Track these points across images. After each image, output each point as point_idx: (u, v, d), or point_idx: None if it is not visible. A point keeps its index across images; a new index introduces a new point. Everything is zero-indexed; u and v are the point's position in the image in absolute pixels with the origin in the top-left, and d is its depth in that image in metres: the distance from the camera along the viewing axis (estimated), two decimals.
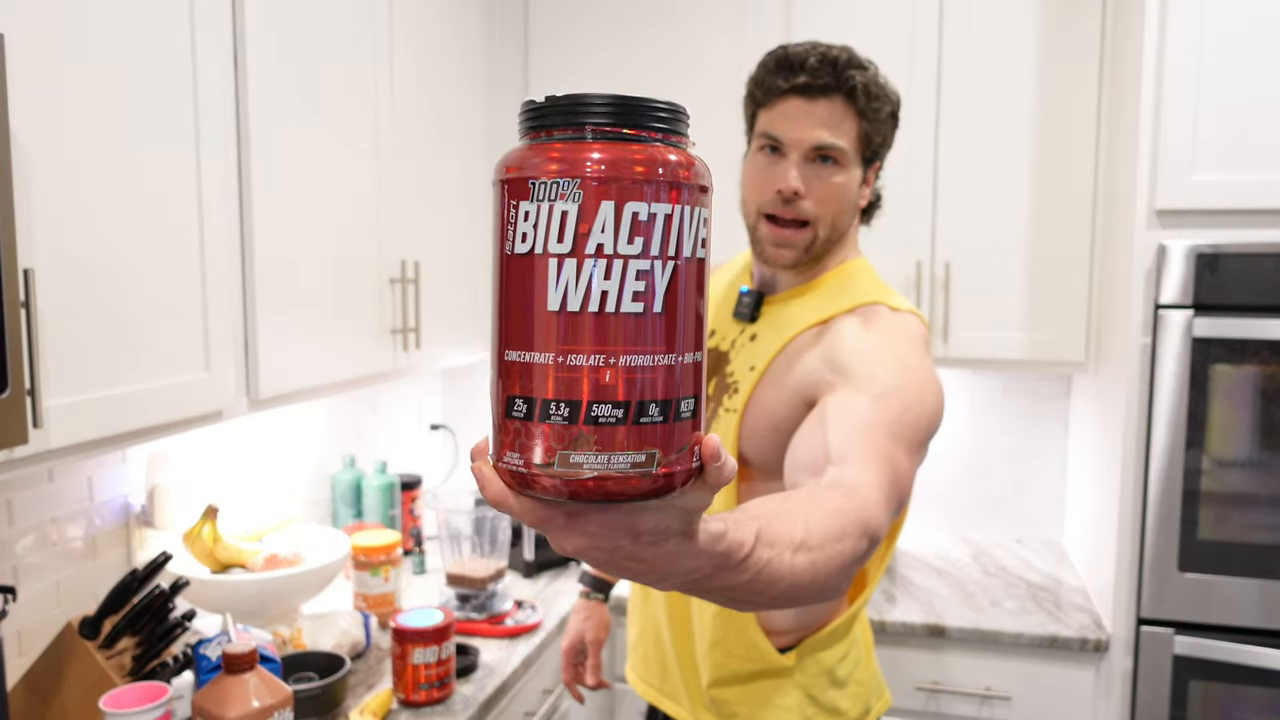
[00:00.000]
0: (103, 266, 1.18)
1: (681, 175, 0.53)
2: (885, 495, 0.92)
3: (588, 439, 0.51)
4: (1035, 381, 2.46)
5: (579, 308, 0.51)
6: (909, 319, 1.17)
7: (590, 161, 0.52)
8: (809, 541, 0.76)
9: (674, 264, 0.53)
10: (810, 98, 1.15)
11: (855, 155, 1.18)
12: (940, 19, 2.12)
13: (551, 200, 0.52)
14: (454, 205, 2.14)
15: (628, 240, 0.52)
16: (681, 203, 0.53)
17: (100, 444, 1.20)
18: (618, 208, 0.51)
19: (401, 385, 2.57)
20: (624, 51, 2.30)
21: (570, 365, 0.51)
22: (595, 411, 0.51)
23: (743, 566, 0.67)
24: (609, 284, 0.51)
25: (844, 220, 1.21)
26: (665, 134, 0.54)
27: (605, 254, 0.51)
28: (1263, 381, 1.69)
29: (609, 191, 0.51)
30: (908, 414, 1.04)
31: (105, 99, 1.18)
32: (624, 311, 0.51)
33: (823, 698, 1.25)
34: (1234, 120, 1.70)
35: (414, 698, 1.52)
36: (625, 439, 0.52)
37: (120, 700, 1.19)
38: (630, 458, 0.52)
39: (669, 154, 0.53)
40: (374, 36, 1.78)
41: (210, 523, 1.68)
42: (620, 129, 0.53)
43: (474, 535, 1.89)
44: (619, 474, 0.52)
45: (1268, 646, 1.72)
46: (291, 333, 1.57)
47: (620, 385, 0.51)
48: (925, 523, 2.56)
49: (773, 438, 1.16)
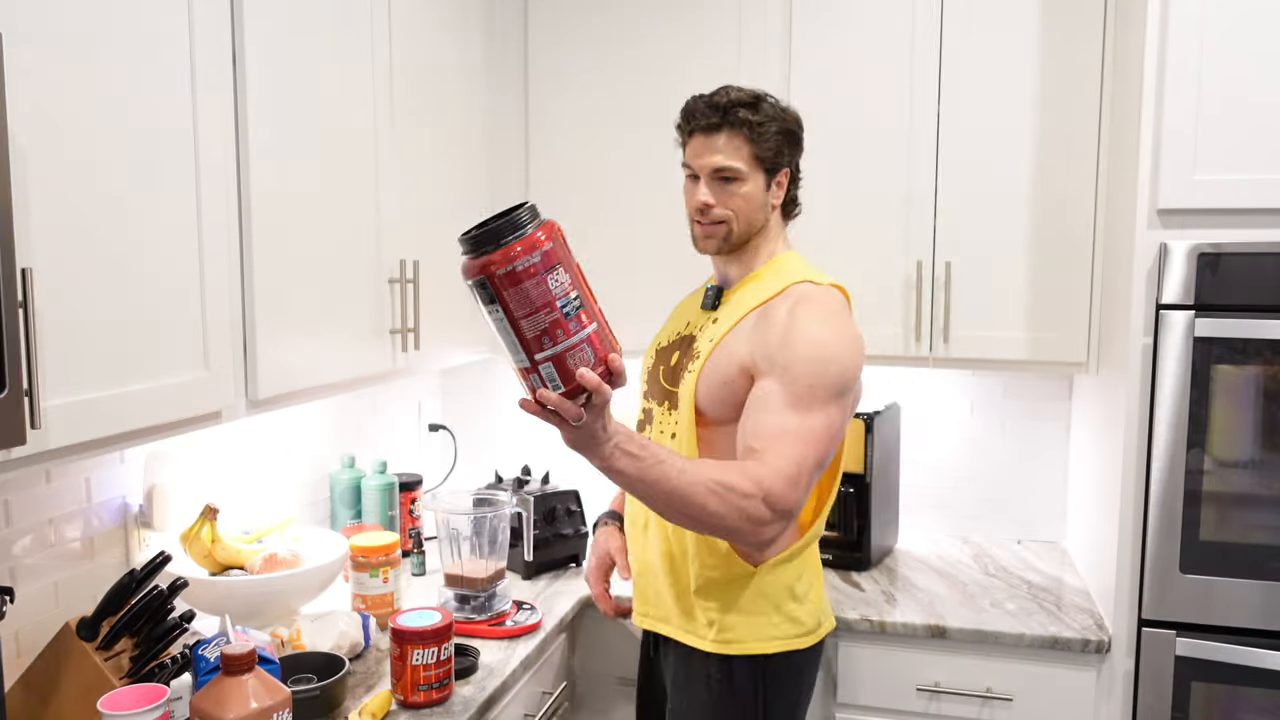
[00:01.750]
0: (101, 266, 1.18)
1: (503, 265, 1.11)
2: (789, 460, 1.38)
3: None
4: (1036, 382, 2.45)
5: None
6: (830, 291, 1.54)
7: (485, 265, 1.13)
8: (688, 471, 1.30)
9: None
10: (708, 134, 1.54)
11: (753, 169, 1.54)
12: (940, 18, 2.12)
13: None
14: (453, 205, 2.14)
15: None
16: (555, 256, 1.13)
17: (98, 445, 1.20)
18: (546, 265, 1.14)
19: (401, 385, 2.57)
20: (624, 51, 2.30)
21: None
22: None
23: (636, 456, 1.26)
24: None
25: (756, 218, 1.57)
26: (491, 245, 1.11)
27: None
28: (1265, 381, 1.69)
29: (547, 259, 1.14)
30: (817, 382, 1.43)
31: (104, 98, 1.17)
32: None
33: (784, 607, 1.58)
34: (1235, 119, 1.69)
35: (413, 699, 1.51)
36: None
37: (118, 701, 1.18)
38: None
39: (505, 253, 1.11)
40: (373, 36, 1.77)
41: (209, 523, 1.67)
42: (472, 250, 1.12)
43: (473, 536, 1.89)
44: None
45: (1269, 648, 1.71)
46: (290, 333, 1.56)
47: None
48: (925, 523, 2.55)
49: (721, 393, 1.52)
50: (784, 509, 1.37)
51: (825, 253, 2.20)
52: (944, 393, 2.51)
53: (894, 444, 2.37)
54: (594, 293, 1.21)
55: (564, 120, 2.36)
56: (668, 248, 2.29)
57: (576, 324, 1.14)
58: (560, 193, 2.38)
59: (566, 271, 1.14)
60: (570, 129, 2.36)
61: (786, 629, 1.58)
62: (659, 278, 2.33)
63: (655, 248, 2.31)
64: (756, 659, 1.57)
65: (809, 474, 1.41)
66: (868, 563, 2.22)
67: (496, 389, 2.79)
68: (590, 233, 2.36)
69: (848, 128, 2.19)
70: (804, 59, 2.20)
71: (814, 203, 2.22)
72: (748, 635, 1.57)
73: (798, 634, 1.59)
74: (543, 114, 2.37)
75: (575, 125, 2.35)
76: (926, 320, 2.18)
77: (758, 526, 1.36)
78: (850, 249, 2.21)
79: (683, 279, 2.28)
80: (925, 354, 2.19)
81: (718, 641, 1.57)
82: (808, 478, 1.41)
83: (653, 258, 2.32)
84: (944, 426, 2.52)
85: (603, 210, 2.35)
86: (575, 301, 1.14)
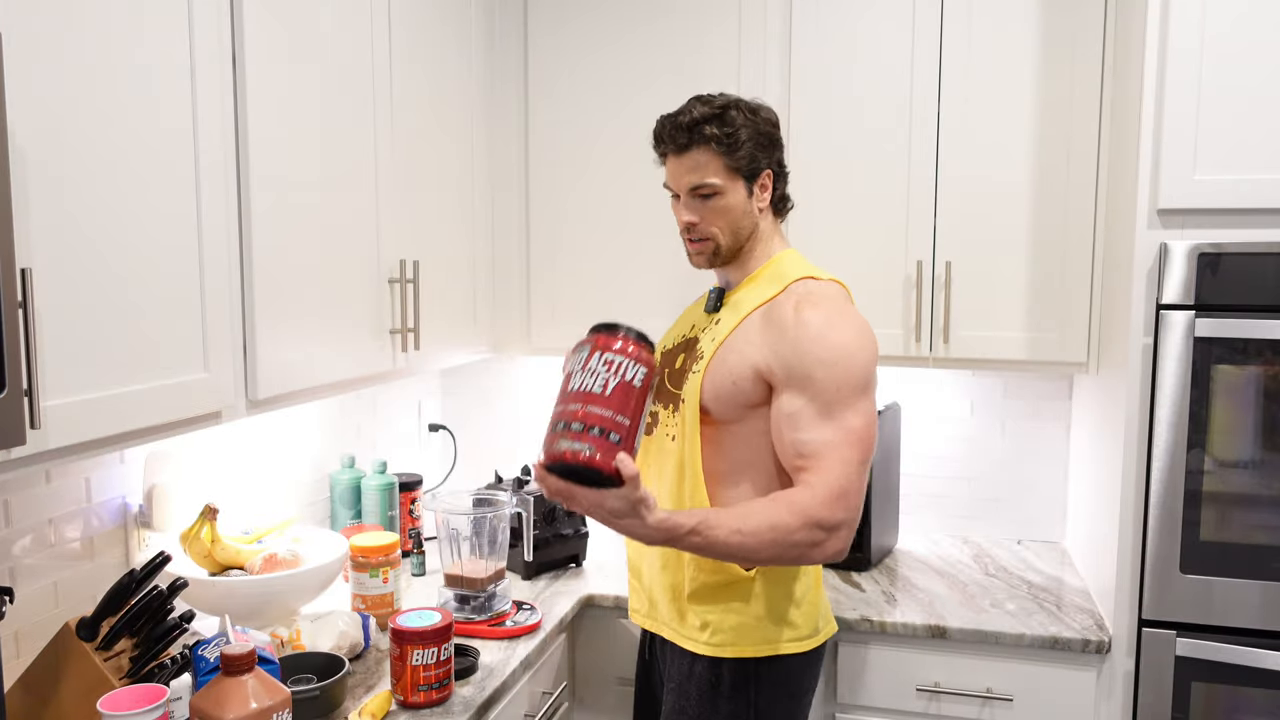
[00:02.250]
0: (101, 266, 1.18)
1: (616, 348, 1.34)
2: (835, 475, 1.41)
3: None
4: (1036, 382, 2.45)
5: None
6: (830, 285, 1.54)
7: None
8: (742, 529, 1.37)
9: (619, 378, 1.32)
10: (679, 154, 1.56)
11: (729, 180, 1.54)
12: (941, 18, 2.11)
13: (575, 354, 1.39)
14: (453, 205, 2.14)
15: (594, 366, 1.33)
16: (619, 354, 1.33)
17: (98, 445, 1.20)
18: (597, 353, 1.34)
19: (401, 385, 2.57)
20: (623, 49, 2.30)
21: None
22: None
23: (682, 540, 1.36)
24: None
25: (742, 226, 1.58)
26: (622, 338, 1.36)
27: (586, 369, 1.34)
28: (1265, 382, 1.69)
29: (592, 347, 1.35)
30: (844, 383, 1.44)
31: (103, 98, 1.17)
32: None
33: (780, 611, 1.58)
34: (1236, 119, 1.69)
35: (413, 699, 1.51)
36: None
37: (118, 702, 1.18)
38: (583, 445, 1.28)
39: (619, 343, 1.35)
40: (373, 35, 1.77)
41: (209, 523, 1.67)
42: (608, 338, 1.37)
43: (473, 536, 1.89)
44: (574, 450, 1.27)
45: (1270, 648, 1.71)
46: (290, 333, 1.56)
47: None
48: (926, 523, 2.55)
49: (729, 392, 1.52)
50: (835, 524, 1.40)
51: (826, 253, 2.21)
52: (944, 393, 2.51)
53: (894, 444, 2.37)
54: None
55: (564, 119, 2.36)
56: (668, 247, 2.30)
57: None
58: (560, 191, 2.38)
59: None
60: (570, 128, 2.35)
61: (781, 633, 1.57)
62: (659, 277, 2.33)
63: (655, 247, 2.31)
64: (748, 662, 1.56)
65: (857, 477, 1.43)
66: (868, 563, 2.22)
67: (496, 389, 2.79)
68: (590, 232, 2.36)
69: (848, 128, 2.19)
70: (804, 59, 2.20)
71: (814, 203, 2.23)
72: (741, 638, 1.56)
73: (793, 638, 1.58)
74: (542, 112, 2.37)
75: (575, 124, 2.35)
76: (926, 320, 2.18)
77: (815, 550, 1.40)
78: (850, 249, 2.21)
79: (683, 277, 2.29)
80: (925, 354, 2.19)
81: (710, 644, 1.57)
82: (857, 482, 1.43)
83: (653, 257, 2.32)
84: (944, 426, 2.52)
85: (603, 209, 2.35)
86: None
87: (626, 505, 1.30)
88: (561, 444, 1.28)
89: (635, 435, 1.32)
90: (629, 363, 1.33)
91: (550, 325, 2.41)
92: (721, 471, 1.56)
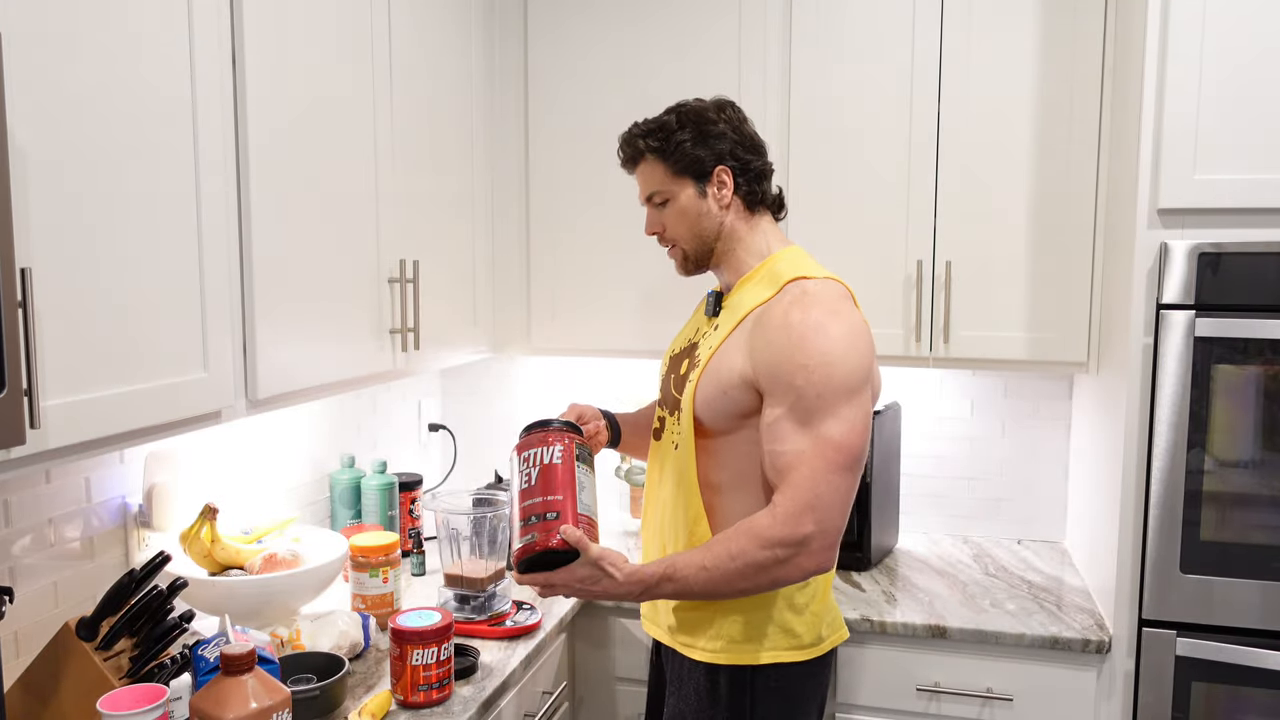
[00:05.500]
0: (101, 266, 1.18)
1: (530, 444, 1.49)
2: (801, 489, 1.39)
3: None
4: (1037, 382, 2.45)
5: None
6: (826, 283, 1.49)
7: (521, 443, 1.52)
8: (706, 564, 1.40)
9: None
10: (631, 171, 1.62)
11: (675, 183, 1.56)
12: (941, 17, 2.11)
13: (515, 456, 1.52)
14: (453, 204, 2.14)
15: (519, 469, 1.50)
16: (533, 448, 1.48)
17: (98, 445, 1.20)
18: (518, 457, 1.50)
19: (400, 385, 2.57)
20: (622, 45, 2.30)
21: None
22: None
23: (659, 589, 1.42)
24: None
25: (704, 227, 1.57)
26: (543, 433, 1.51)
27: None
28: (1265, 381, 1.69)
29: (516, 453, 1.51)
30: (825, 389, 1.39)
31: (103, 98, 1.17)
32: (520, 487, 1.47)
33: (780, 619, 1.54)
34: (1236, 119, 1.69)
35: (413, 699, 1.51)
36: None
37: (118, 702, 1.18)
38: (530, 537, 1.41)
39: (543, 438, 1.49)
40: (373, 34, 1.77)
41: (208, 523, 1.67)
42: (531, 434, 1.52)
43: (473, 536, 1.89)
44: (526, 543, 1.41)
45: (1270, 648, 1.71)
46: (290, 333, 1.56)
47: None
48: (926, 523, 2.55)
49: (720, 403, 1.49)
50: (799, 539, 1.38)
51: (825, 253, 2.21)
52: (944, 393, 2.51)
53: (894, 444, 2.37)
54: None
55: (564, 116, 2.36)
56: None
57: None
58: (560, 189, 2.38)
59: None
60: (570, 126, 2.35)
61: (780, 641, 1.54)
62: (660, 276, 2.33)
63: (656, 245, 2.31)
64: (745, 670, 1.54)
65: (828, 487, 1.39)
66: (868, 563, 2.22)
67: (496, 389, 2.79)
68: (590, 230, 2.36)
69: (848, 127, 2.19)
70: (804, 58, 2.20)
71: (814, 203, 2.22)
72: (738, 645, 1.54)
73: (792, 646, 1.55)
74: (542, 110, 2.37)
75: (575, 122, 2.35)
76: (926, 320, 2.18)
77: (786, 567, 1.40)
78: (850, 249, 2.21)
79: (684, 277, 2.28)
80: (925, 354, 2.19)
81: (708, 651, 1.55)
82: (828, 492, 1.39)
83: (653, 256, 2.32)
84: (944, 426, 2.51)
85: (603, 208, 2.35)
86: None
87: (591, 570, 1.39)
88: (517, 544, 1.42)
89: (573, 505, 1.42)
90: (542, 450, 1.46)
91: (550, 325, 2.41)
92: (718, 483, 1.53)
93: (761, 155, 1.59)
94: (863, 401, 1.43)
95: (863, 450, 1.43)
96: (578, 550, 1.38)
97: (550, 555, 1.39)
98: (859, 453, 1.42)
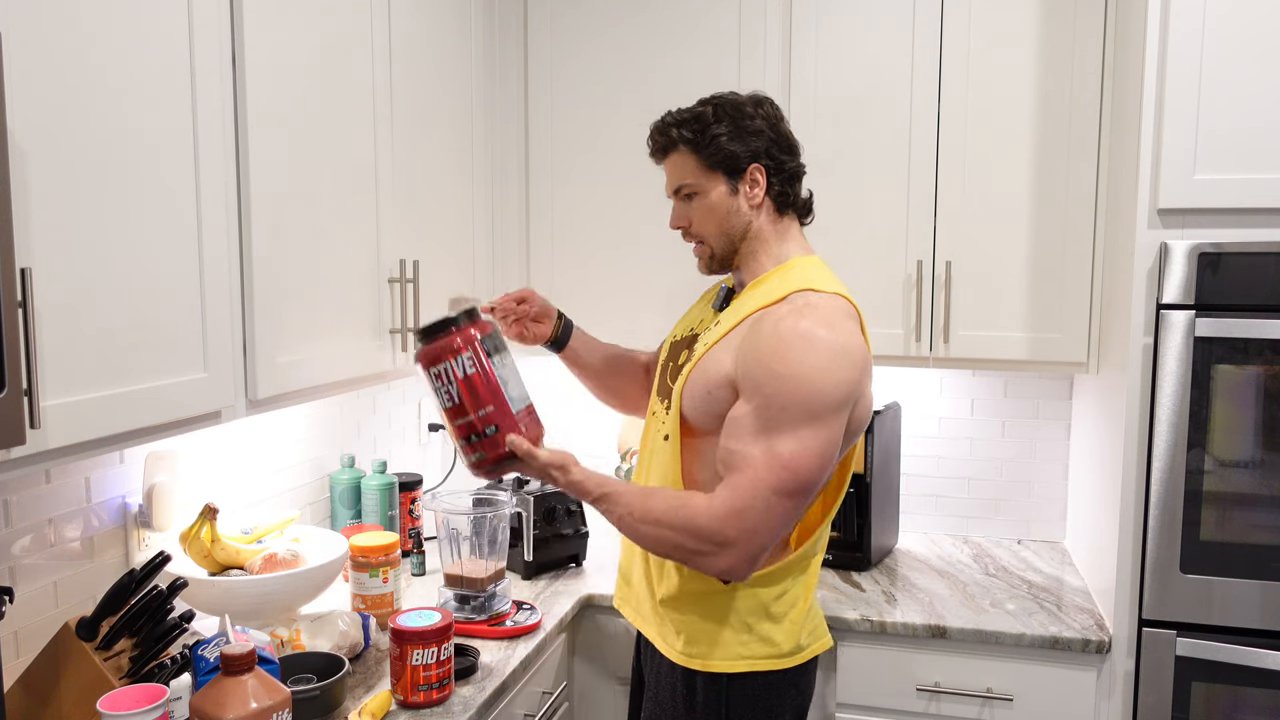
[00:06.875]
0: (101, 266, 1.18)
1: (434, 358, 1.46)
2: (739, 492, 1.36)
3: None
4: (1037, 382, 2.45)
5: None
6: (832, 299, 1.43)
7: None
8: (634, 510, 1.42)
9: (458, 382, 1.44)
10: (661, 160, 1.58)
11: (707, 178, 1.51)
12: (941, 18, 2.11)
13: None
14: (453, 203, 2.14)
15: (433, 386, 1.49)
16: (439, 362, 1.45)
17: (98, 444, 1.20)
18: (427, 374, 1.48)
19: (401, 385, 2.57)
20: (621, 37, 2.30)
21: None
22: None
23: (594, 504, 1.46)
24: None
25: (731, 224, 1.52)
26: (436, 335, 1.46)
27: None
28: (1265, 381, 1.69)
29: (427, 362, 1.48)
30: (790, 402, 1.35)
31: (103, 98, 1.17)
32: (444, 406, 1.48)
33: (758, 627, 1.51)
34: (1236, 119, 1.69)
35: (413, 699, 1.51)
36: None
37: (118, 702, 1.18)
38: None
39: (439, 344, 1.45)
40: (372, 32, 1.77)
41: (208, 523, 1.67)
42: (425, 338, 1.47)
43: (473, 536, 1.89)
44: (477, 459, 1.50)
45: (1270, 648, 1.71)
46: (290, 332, 1.56)
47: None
48: (926, 523, 2.55)
49: (704, 402, 1.47)
50: (722, 540, 1.36)
51: (826, 253, 2.21)
52: (944, 393, 2.51)
53: (894, 444, 2.37)
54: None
55: (563, 114, 2.36)
56: (669, 243, 2.29)
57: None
58: (560, 186, 2.38)
59: None
60: (569, 123, 2.35)
61: (756, 649, 1.51)
62: (660, 274, 2.33)
63: (656, 242, 2.31)
64: (719, 677, 1.51)
65: (762, 504, 1.35)
66: (868, 563, 2.22)
67: None
68: (590, 227, 2.36)
69: (848, 127, 2.19)
70: (804, 57, 2.20)
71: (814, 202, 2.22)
72: (713, 652, 1.51)
73: (768, 655, 1.51)
74: (542, 108, 2.37)
75: (575, 119, 2.35)
76: (926, 320, 2.18)
77: (701, 559, 1.39)
78: (850, 249, 2.21)
79: (684, 274, 2.29)
80: (925, 354, 2.19)
81: (684, 654, 1.53)
82: (760, 509, 1.35)
83: (654, 253, 2.32)
84: (944, 426, 2.52)
85: (603, 205, 2.35)
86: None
87: (540, 472, 1.47)
88: (468, 460, 1.50)
89: (507, 409, 1.45)
90: (452, 362, 1.45)
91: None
92: (701, 481, 1.50)
93: (795, 156, 1.54)
94: (827, 428, 1.37)
95: (812, 479, 1.37)
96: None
97: (502, 461, 1.48)
98: (807, 480, 1.37)
